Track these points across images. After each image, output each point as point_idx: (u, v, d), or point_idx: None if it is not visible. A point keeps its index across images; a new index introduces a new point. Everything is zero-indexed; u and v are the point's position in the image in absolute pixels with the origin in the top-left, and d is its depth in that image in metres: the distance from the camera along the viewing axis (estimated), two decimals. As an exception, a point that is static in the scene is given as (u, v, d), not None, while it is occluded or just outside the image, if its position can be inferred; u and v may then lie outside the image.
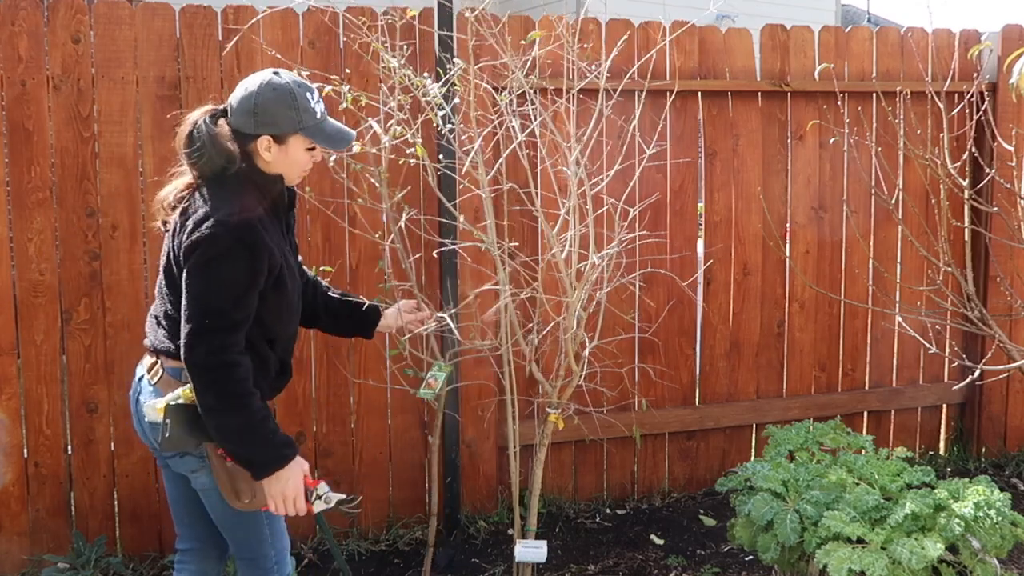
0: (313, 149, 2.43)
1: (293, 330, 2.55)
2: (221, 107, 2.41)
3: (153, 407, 2.34)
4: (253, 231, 2.26)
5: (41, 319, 3.39)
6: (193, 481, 2.43)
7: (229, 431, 2.25)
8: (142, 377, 2.45)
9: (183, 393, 2.30)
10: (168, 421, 2.28)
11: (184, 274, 2.27)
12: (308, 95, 2.38)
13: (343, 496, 2.43)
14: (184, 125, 2.37)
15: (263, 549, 2.49)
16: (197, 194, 2.35)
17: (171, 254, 2.35)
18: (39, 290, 3.38)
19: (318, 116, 2.39)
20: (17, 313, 3.38)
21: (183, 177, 2.42)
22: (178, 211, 2.37)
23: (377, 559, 3.70)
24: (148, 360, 2.45)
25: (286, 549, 2.56)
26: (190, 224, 2.27)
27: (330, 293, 2.85)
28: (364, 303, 2.86)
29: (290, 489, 2.30)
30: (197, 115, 2.37)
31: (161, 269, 2.42)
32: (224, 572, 2.74)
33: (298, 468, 2.32)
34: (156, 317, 2.45)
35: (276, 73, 2.38)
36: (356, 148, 3.05)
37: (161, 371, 2.39)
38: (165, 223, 2.43)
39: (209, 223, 2.23)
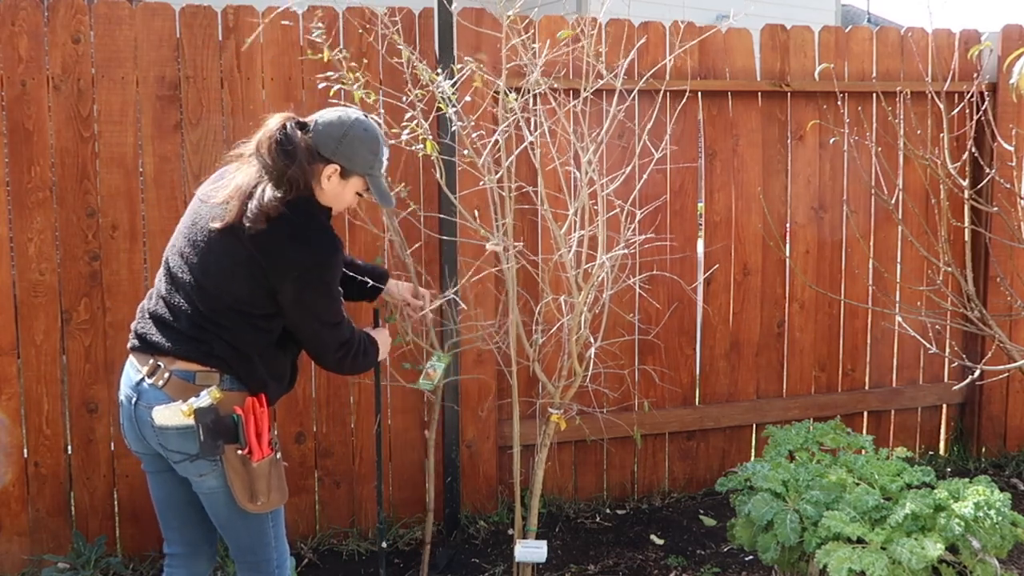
0: (360, 196, 2.57)
1: None
2: (302, 119, 2.47)
3: (175, 411, 2.30)
4: (340, 248, 2.45)
5: (41, 319, 3.39)
6: (199, 484, 2.41)
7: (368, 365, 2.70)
8: (140, 381, 2.39)
9: (211, 394, 2.29)
10: (200, 425, 2.28)
11: (296, 286, 2.36)
12: (385, 149, 2.55)
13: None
14: (271, 127, 2.41)
15: (267, 553, 2.49)
16: (277, 200, 2.35)
17: (247, 252, 2.33)
18: (39, 290, 3.38)
19: (383, 170, 2.56)
20: (17, 313, 3.38)
21: (241, 173, 2.42)
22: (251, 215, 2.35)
23: (377, 559, 3.70)
24: (144, 362, 2.40)
25: (287, 552, 2.56)
26: (289, 235, 2.35)
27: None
28: (373, 267, 2.99)
29: (386, 347, 2.84)
30: (282, 120, 2.42)
31: (201, 268, 2.38)
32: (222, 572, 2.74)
33: (383, 339, 2.80)
34: (159, 316, 2.43)
35: (367, 116, 2.54)
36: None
37: (168, 374, 2.35)
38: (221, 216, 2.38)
39: (317, 237, 2.38)
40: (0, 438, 3.39)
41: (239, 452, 2.33)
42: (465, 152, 3.05)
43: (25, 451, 3.44)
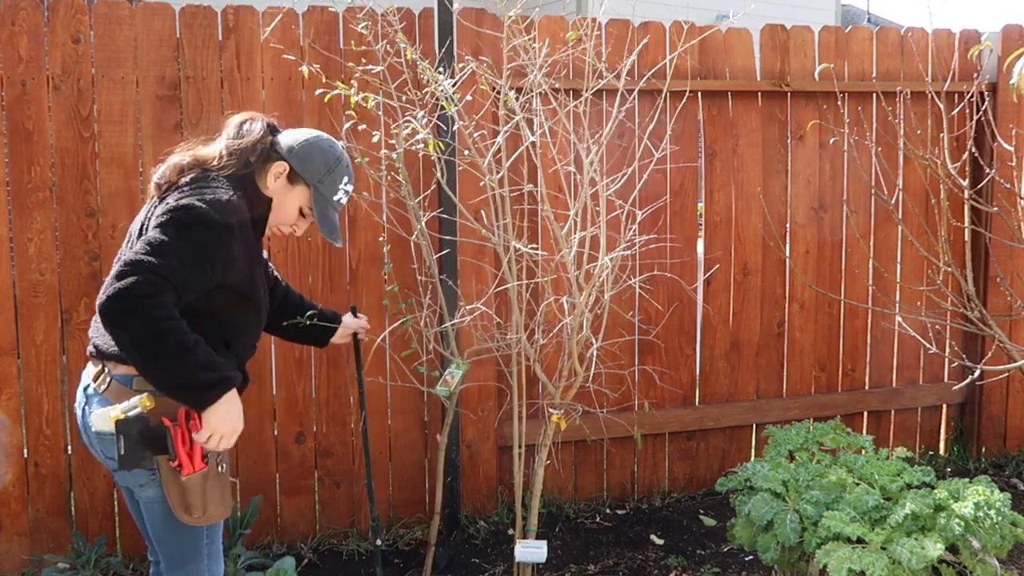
0: (303, 217, 2.49)
1: (254, 341, 2.51)
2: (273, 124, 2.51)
3: (105, 416, 2.19)
4: (229, 227, 2.23)
5: (41, 319, 3.39)
6: (139, 493, 2.31)
7: (162, 359, 2.08)
8: (88, 386, 2.33)
9: (140, 402, 2.18)
10: (121, 435, 2.16)
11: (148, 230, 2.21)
12: (345, 178, 2.49)
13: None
14: (233, 119, 2.46)
15: (198, 570, 2.39)
16: (190, 179, 2.31)
17: (143, 227, 2.28)
18: (39, 290, 3.38)
19: (335, 197, 2.47)
20: (17, 313, 3.38)
21: (190, 152, 2.40)
22: (170, 187, 2.32)
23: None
24: (93, 368, 2.33)
25: (221, 572, 2.45)
26: (171, 199, 2.24)
27: (289, 299, 2.86)
28: (321, 312, 2.90)
29: (230, 421, 2.17)
30: (245, 114, 2.47)
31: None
32: None
33: (237, 403, 2.20)
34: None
35: (337, 143, 2.52)
36: (375, 139, 3.14)
37: (109, 379, 2.26)
38: (160, 189, 2.33)
39: (193, 199, 2.21)
40: (0, 438, 3.39)
41: (171, 463, 2.22)
42: (466, 152, 3.05)
43: (25, 451, 3.44)
